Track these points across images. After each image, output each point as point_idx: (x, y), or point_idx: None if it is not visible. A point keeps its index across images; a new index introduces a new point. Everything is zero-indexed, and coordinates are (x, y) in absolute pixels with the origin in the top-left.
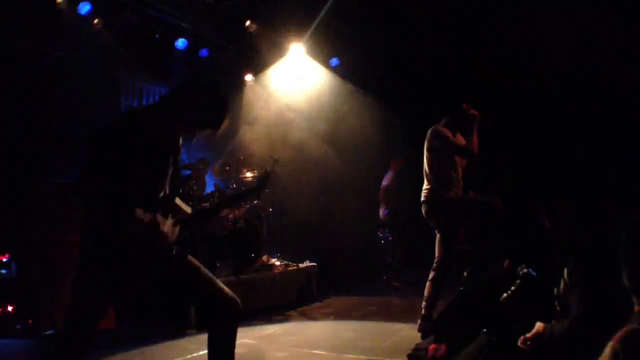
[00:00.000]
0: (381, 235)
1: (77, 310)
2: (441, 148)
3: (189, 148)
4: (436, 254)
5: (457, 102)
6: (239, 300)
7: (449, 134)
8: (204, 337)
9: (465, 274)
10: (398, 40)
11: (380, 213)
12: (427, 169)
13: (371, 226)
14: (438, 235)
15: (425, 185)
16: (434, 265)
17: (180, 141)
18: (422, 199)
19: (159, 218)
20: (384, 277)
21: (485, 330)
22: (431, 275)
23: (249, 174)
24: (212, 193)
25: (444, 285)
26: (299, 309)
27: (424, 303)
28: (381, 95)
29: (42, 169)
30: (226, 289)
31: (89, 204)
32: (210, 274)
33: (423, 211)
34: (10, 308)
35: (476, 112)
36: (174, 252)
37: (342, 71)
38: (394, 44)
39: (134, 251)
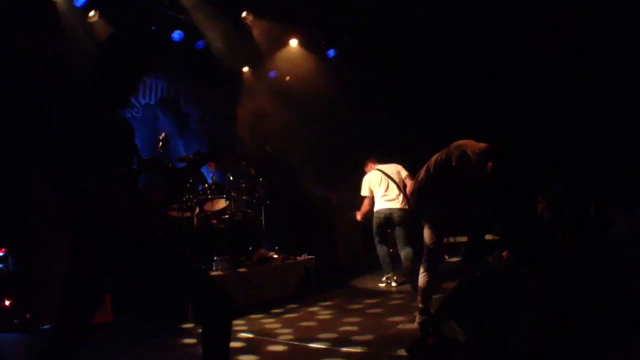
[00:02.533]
0: None
1: (69, 305)
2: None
3: (185, 142)
4: (425, 245)
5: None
6: (232, 295)
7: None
8: (201, 331)
9: (463, 265)
10: (397, 32)
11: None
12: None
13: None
14: (425, 225)
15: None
16: (424, 256)
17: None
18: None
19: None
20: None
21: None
22: (422, 267)
23: (245, 166)
24: (210, 186)
25: (437, 276)
26: (297, 302)
27: (418, 297)
28: (380, 86)
29: (41, 163)
30: (218, 284)
31: (67, 193)
32: (202, 267)
33: (411, 201)
34: (7, 302)
35: None
36: (161, 239)
37: (339, 62)
38: (394, 36)
39: (123, 230)
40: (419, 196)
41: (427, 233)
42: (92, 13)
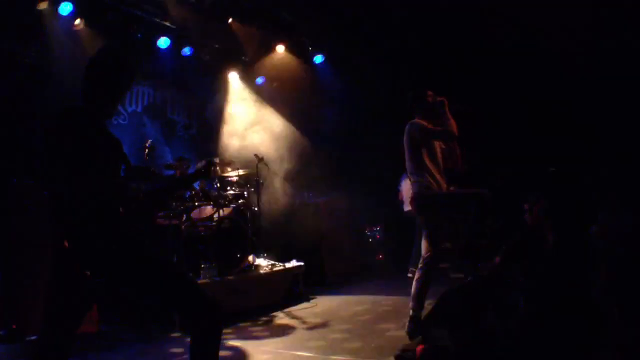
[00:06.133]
0: (369, 233)
1: (55, 314)
2: (421, 139)
3: (172, 149)
4: (422, 252)
5: (419, 91)
6: (219, 304)
7: (425, 123)
8: (189, 340)
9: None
10: (385, 37)
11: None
12: (409, 165)
13: (360, 224)
14: (424, 233)
15: (410, 183)
16: (420, 263)
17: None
18: (410, 196)
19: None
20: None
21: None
22: (417, 274)
23: (232, 173)
24: (196, 193)
25: (431, 284)
26: (286, 310)
27: (410, 303)
28: (368, 91)
29: (28, 172)
30: (207, 293)
31: (61, 201)
32: (191, 277)
33: (411, 209)
34: None
35: (443, 98)
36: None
37: (326, 68)
38: (381, 40)
39: (119, 248)
40: (418, 202)
41: (426, 240)
42: (77, 21)
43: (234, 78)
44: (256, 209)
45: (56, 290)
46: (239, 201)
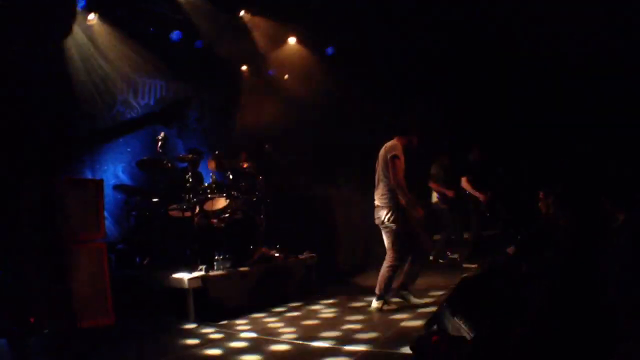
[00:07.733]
0: None
1: None
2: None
3: (184, 141)
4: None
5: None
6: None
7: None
8: (203, 331)
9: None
10: (394, 29)
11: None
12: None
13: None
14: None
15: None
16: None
17: None
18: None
19: None
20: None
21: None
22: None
23: (244, 165)
24: (209, 185)
25: (444, 274)
26: (300, 301)
27: (379, 286)
28: (377, 82)
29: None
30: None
31: None
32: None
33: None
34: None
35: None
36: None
37: (337, 60)
38: (390, 32)
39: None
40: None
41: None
42: (91, 16)
43: (245, 70)
44: (269, 200)
45: None
46: (252, 193)
